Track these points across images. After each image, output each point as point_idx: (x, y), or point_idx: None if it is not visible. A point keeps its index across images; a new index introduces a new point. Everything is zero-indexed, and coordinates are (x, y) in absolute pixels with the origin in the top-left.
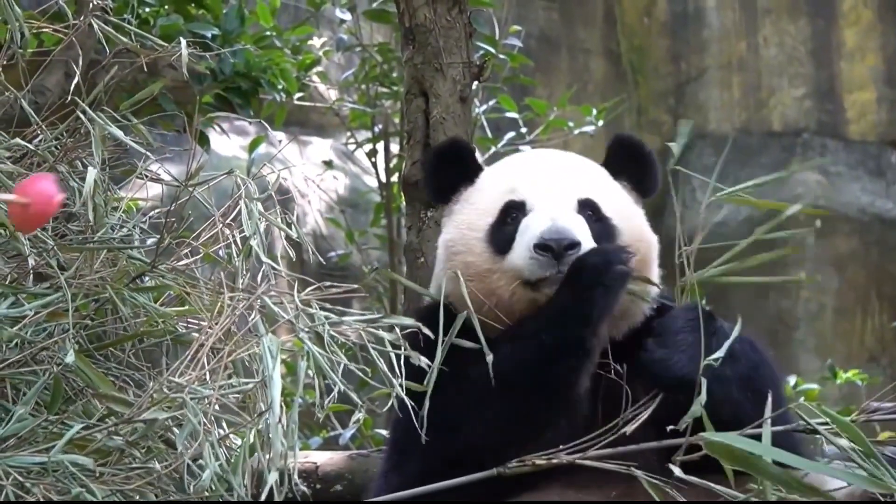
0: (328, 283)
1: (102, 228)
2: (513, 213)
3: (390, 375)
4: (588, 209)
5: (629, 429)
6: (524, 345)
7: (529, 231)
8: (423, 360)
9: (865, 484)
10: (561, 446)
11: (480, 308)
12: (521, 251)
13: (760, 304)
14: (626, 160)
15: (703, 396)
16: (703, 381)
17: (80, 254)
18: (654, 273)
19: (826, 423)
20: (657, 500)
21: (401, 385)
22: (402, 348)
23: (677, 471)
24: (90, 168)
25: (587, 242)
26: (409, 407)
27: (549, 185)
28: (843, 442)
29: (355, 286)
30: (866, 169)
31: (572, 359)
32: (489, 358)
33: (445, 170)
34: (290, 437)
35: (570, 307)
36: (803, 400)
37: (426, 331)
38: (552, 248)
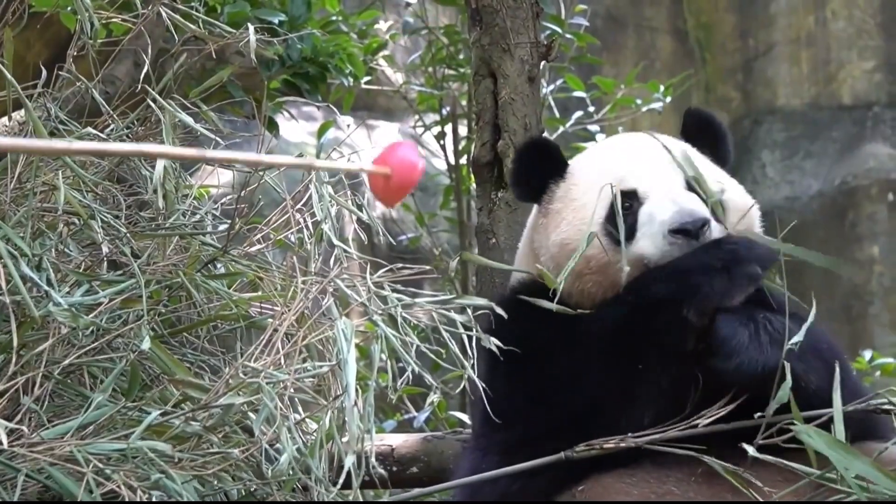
0: (400, 265)
1: (174, 215)
2: (626, 202)
3: (462, 356)
4: (694, 187)
5: (703, 420)
6: (633, 297)
7: (657, 217)
8: (494, 342)
9: None
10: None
11: (600, 297)
12: (654, 238)
13: (834, 280)
14: (701, 133)
15: (788, 380)
16: (787, 365)
17: (153, 241)
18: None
19: None
20: (734, 482)
21: (472, 366)
22: (475, 330)
23: (752, 450)
24: (159, 161)
25: (712, 220)
26: (501, 378)
27: (655, 170)
28: None
29: (427, 267)
30: None
31: (675, 316)
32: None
33: (532, 169)
34: (366, 420)
35: (694, 272)
36: (879, 374)
37: (499, 310)
38: (689, 230)
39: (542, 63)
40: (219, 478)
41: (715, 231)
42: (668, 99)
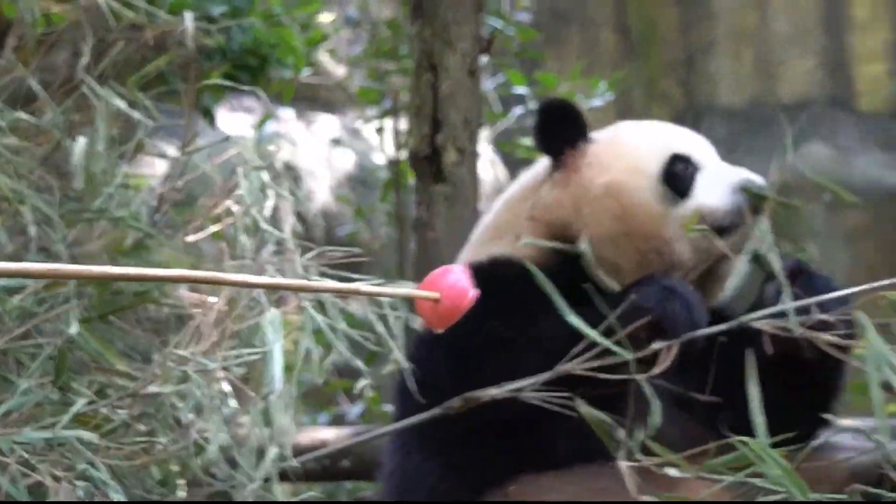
0: (330, 248)
1: (100, 198)
2: (680, 164)
3: (390, 339)
4: None
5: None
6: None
7: (724, 177)
8: (420, 322)
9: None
10: None
11: (633, 254)
12: (720, 192)
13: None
14: None
15: None
16: None
17: (80, 225)
18: None
19: None
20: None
21: (400, 349)
22: (403, 312)
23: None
24: (80, 137)
25: None
26: (434, 366)
27: (702, 147)
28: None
29: (357, 250)
30: (876, 142)
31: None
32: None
33: (559, 123)
34: (290, 411)
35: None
36: None
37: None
38: (756, 189)
39: (484, 57)
40: (146, 468)
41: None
42: (611, 95)
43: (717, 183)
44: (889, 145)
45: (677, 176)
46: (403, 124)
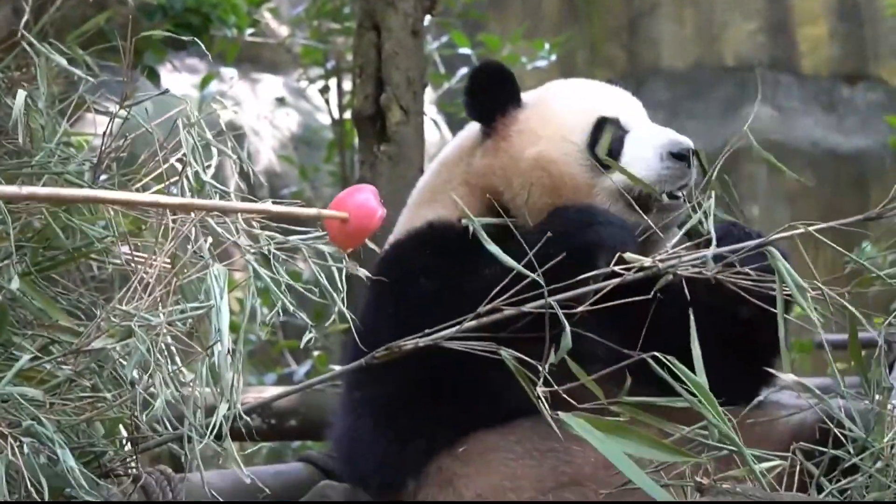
0: (272, 200)
1: (41, 153)
2: (607, 129)
3: (332, 290)
4: None
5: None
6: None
7: (652, 142)
8: (362, 272)
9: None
10: None
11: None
12: (648, 162)
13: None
14: None
15: None
16: None
17: (20, 179)
18: None
19: None
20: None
21: (343, 300)
22: (344, 262)
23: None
24: (20, 91)
25: None
26: (382, 323)
27: (630, 106)
28: (790, 376)
29: (298, 202)
30: (819, 103)
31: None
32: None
33: (489, 88)
34: (236, 368)
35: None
36: None
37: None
38: (685, 155)
39: (427, 17)
40: (92, 423)
41: (695, 173)
42: (554, 57)
43: (645, 149)
44: (831, 107)
45: (601, 146)
46: (347, 84)
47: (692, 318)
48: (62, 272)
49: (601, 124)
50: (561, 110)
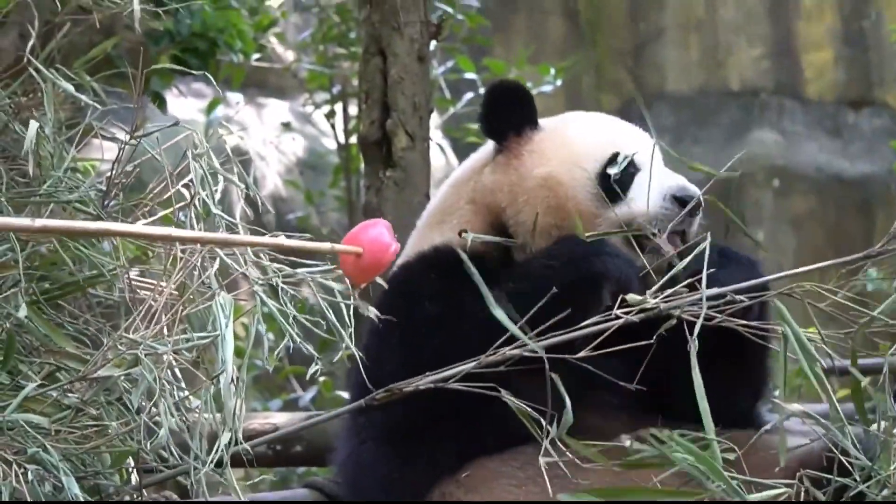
0: (280, 234)
1: (49, 180)
2: (621, 163)
3: (339, 325)
4: None
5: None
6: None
7: (664, 183)
8: (372, 311)
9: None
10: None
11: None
12: (654, 200)
13: None
14: None
15: None
16: None
17: (29, 208)
18: None
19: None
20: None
21: (350, 336)
22: (352, 298)
23: (627, 443)
24: (32, 121)
25: None
26: (386, 351)
27: (648, 148)
28: (795, 406)
29: (308, 236)
30: (824, 129)
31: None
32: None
33: (506, 107)
34: (241, 396)
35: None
36: None
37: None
38: (687, 202)
39: (433, 43)
40: (97, 452)
41: (696, 224)
42: (559, 82)
43: (651, 188)
44: (836, 132)
45: (615, 178)
46: (353, 109)
47: (692, 348)
48: (69, 298)
49: (615, 158)
50: (578, 137)
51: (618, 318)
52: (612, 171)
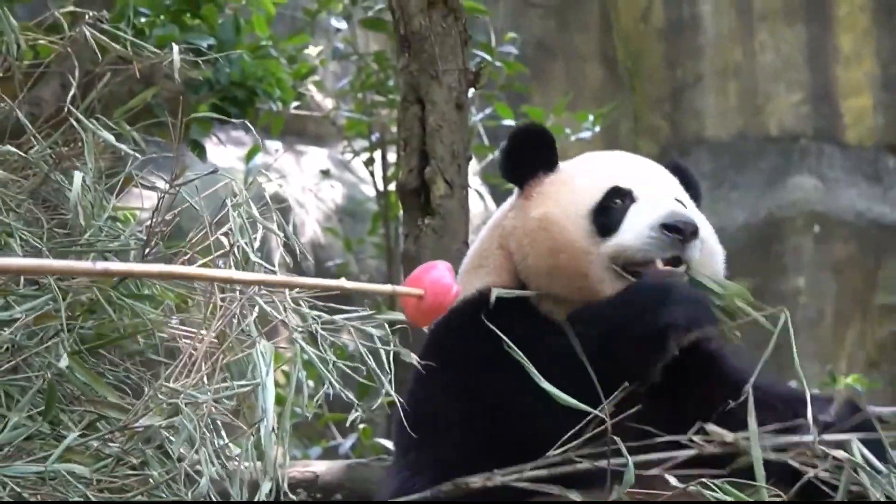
0: (318, 273)
1: (90, 230)
2: (617, 198)
3: (379, 372)
4: None
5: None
6: (601, 324)
7: (653, 212)
8: (413, 358)
9: None
10: None
11: (565, 286)
12: (639, 231)
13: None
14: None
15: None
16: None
17: (71, 257)
18: None
19: None
20: None
21: (390, 382)
22: (392, 344)
23: (674, 480)
24: (76, 172)
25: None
26: (438, 392)
27: (652, 180)
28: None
29: (344, 280)
30: (863, 174)
31: (649, 349)
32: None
33: (525, 151)
34: (282, 444)
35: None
36: None
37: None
38: (680, 229)
39: (471, 90)
40: (138, 501)
41: (696, 249)
42: (598, 128)
43: (641, 218)
44: (875, 177)
45: (608, 211)
46: (392, 156)
47: (750, 398)
48: (109, 347)
49: (613, 193)
50: (577, 175)
51: (695, 444)
52: (609, 204)
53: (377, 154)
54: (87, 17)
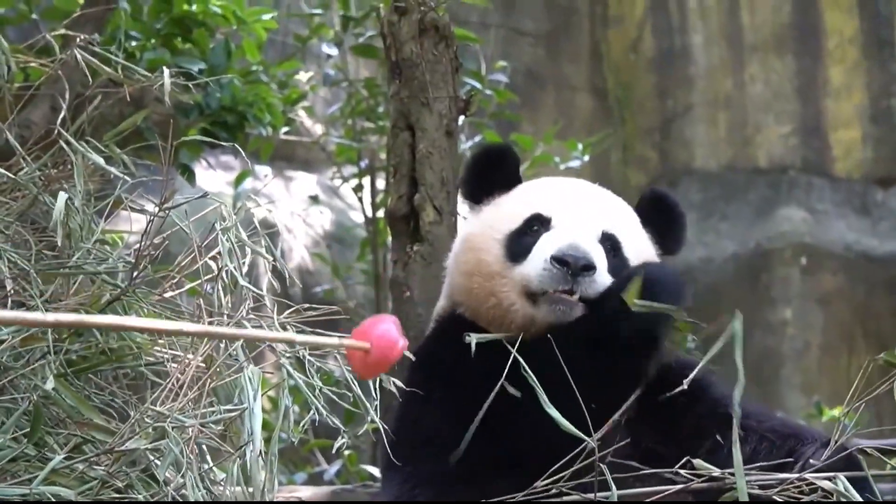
0: (307, 306)
1: (78, 252)
2: (535, 225)
3: (365, 399)
4: (608, 242)
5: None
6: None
7: (549, 244)
8: (396, 383)
9: None
10: None
11: (481, 308)
12: (536, 262)
13: (746, 342)
14: (657, 214)
15: None
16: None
17: (57, 280)
18: None
19: None
20: None
21: (376, 409)
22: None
23: None
24: (61, 193)
25: (602, 271)
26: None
27: (577, 210)
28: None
29: (335, 307)
30: (852, 207)
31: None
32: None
33: (486, 172)
34: (269, 470)
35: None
36: None
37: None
38: (569, 263)
39: (461, 118)
40: None
41: (598, 284)
42: (587, 157)
43: (541, 250)
44: (864, 210)
45: (522, 238)
46: (381, 183)
47: (735, 424)
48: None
49: (532, 220)
50: (510, 199)
51: (680, 479)
52: (525, 230)
53: (366, 180)
54: (78, 39)
